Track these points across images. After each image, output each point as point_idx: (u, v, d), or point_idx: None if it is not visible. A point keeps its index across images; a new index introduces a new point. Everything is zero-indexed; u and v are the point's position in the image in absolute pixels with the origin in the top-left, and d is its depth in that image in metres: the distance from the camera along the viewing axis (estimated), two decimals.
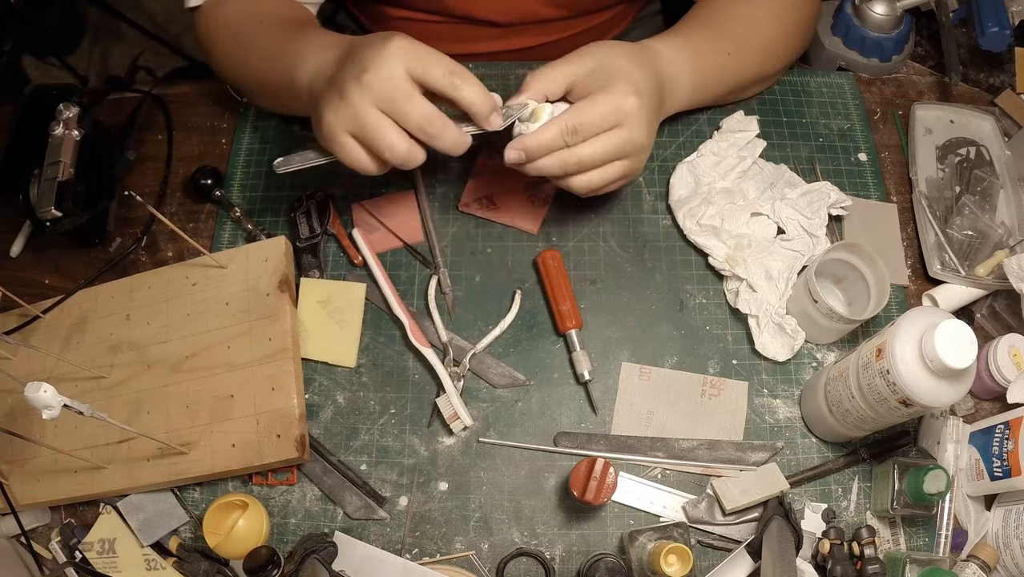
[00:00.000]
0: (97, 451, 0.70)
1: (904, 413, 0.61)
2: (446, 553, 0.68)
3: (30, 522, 0.69)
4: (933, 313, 0.59)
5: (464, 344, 0.75)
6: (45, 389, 0.52)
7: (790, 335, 0.73)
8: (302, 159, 0.66)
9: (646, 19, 1.04)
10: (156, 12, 1.98)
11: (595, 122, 0.63)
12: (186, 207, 0.83)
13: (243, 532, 0.65)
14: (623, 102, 0.63)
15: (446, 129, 0.60)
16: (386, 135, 0.59)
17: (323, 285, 0.76)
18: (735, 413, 0.73)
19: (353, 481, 0.70)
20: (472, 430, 0.72)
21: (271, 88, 0.74)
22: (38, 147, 0.75)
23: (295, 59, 0.67)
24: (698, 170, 0.80)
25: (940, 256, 0.78)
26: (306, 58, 0.67)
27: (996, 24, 0.84)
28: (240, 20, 0.78)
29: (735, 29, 0.78)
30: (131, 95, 0.88)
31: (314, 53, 0.66)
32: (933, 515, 0.68)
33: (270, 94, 0.77)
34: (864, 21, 0.88)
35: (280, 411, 0.68)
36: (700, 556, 0.68)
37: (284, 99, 0.74)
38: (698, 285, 0.78)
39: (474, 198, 0.81)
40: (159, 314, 0.74)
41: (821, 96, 0.88)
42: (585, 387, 0.73)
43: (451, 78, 0.59)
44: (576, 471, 0.64)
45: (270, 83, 0.73)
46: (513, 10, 0.89)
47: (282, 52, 0.70)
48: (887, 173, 0.84)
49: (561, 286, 0.75)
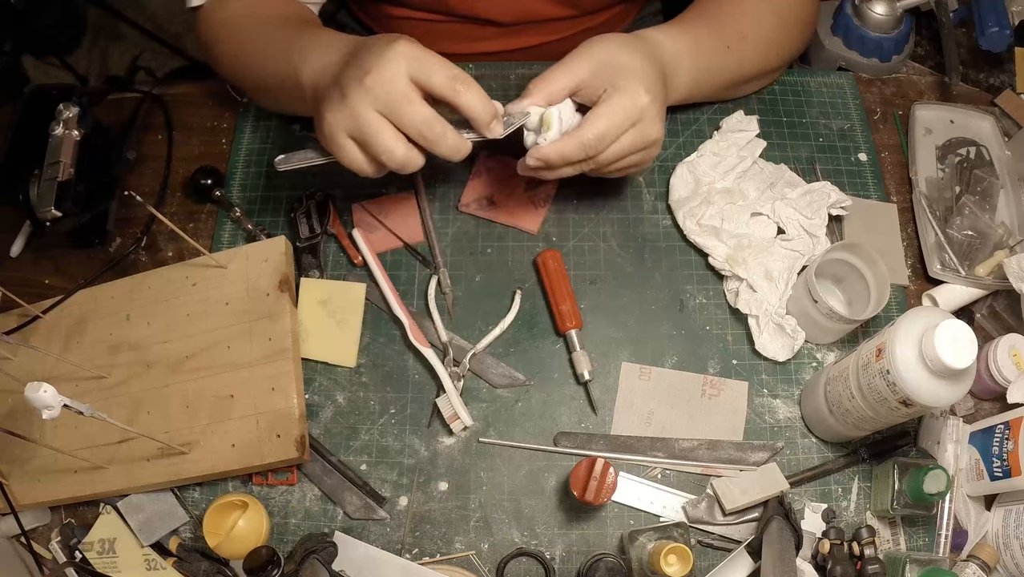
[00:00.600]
0: (97, 451, 0.70)
1: (904, 413, 0.61)
2: (446, 553, 0.68)
3: (30, 522, 0.69)
4: (933, 313, 0.59)
5: (464, 344, 0.75)
6: (45, 389, 0.52)
7: (790, 335, 0.73)
8: (303, 158, 0.66)
9: (647, 19, 1.04)
10: (156, 12, 1.98)
11: (614, 128, 0.63)
12: (186, 207, 0.83)
13: (243, 532, 0.65)
14: (636, 101, 0.63)
15: (445, 135, 0.60)
16: (384, 139, 0.59)
17: (323, 285, 0.76)
18: (735, 413, 0.73)
19: (353, 481, 0.70)
20: (472, 430, 0.72)
21: (274, 87, 0.74)
22: (38, 147, 0.75)
23: (299, 58, 0.67)
24: (698, 170, 0.80)
25: (940, 256, 0.78)
26: (310, 57, 0.66)
27: (996, 24, 0.84)
28: (242, 19, 0.78)
29: (736, 23, 0.77)
30: (131, 95, 0.88)
31: (318, 52, 0.66)
32: (933, 515, 0.68)
33: (272, 93, 0.77)
34: (864, 21, 0.88)
35: (280, 411, 0.68)
36: (700, 556, 0.68)
37: (287, 98, 0.74)
38: (698, 285, 0.78)
39: (474, 198, 0.81)
40: (159, 314, 0.74)
41: (821, 96, 0.88)
42: (585, 387, 0.73)
43: (453, 83, 0.59)
44: (576, 471, 0.64)
45: (273, 82, 0.73)
46: (516, 10, 0.89)
47: (286, 51, 0.70)
48: (887, 173, 0.84)
49: (561, 286, 0.75)
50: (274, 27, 0.75)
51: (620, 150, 0.65)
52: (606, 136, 0.63)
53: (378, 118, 0.58)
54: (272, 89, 0.75)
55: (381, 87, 0.57)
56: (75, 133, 0.75)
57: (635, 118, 0.64)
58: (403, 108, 0.58)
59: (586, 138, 0.63)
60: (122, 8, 1.73)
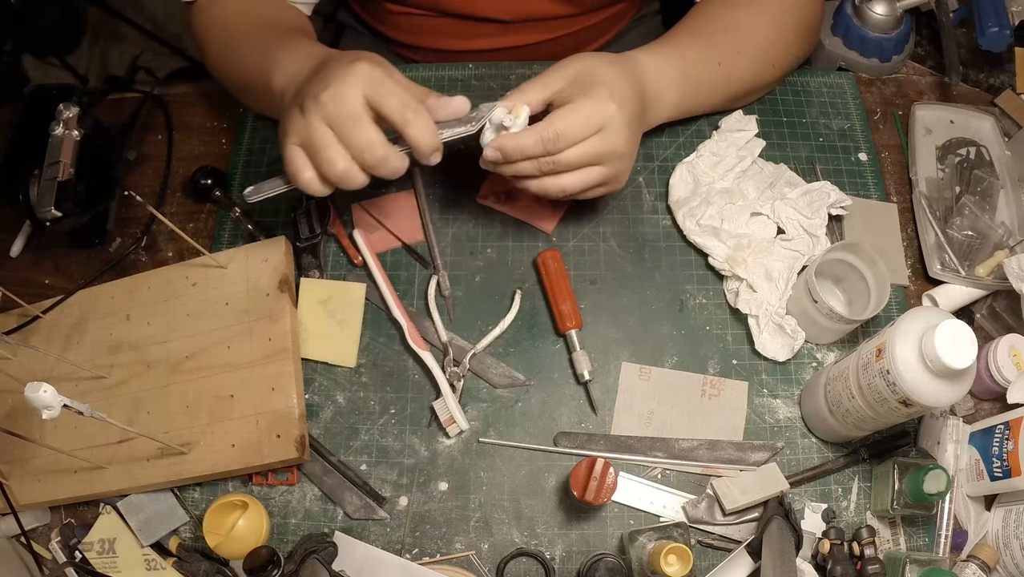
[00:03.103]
0: (97, 451, 0.70)
1: (904, 413, 0.61)
2: (446, 553, 0.68)
3: (30, 522, 0.69)
4: (933, 313, 0.59)
5: (464, 344, 0.75)
6: (45, 389, 0.52)
7: (790, 335, 0.73)
8: (272, 186, 0.67)
9: (646, 18, 1.04)
10: (156, 12, 1.98)
11: (575, 127, 0.63)
12: (186, 207, 0.83)
13: (243, 532, 0.65)
14: (603, 108, 0.64)
15: (386, 160, 0.61)
16: (327, 151, 0.60)
17: (323, 285, 0.76)
18: (735, 413, 0.73)
19: (353, 481, 0.70)
20: (472, 430, 0.72)
21: (252, 89, 0.76)
22: (38, 147, 0.75)
23: (273, 65, 0.69)
24: (697, 170, 0.80)
25: (940, 256, 0.78)
26: (284, 65, 0.68)
27: (996, 24, 0.84)
28: (232, 20, 0.79)
29: (727, 38, 0.77)
30: (131, 95, 0.88)
31: (291, 61, 0.68)
32: (933, 515, 0.68)
33: (252, 95, 0.79)
34: (864, 21, 0.88)
35: (280, 411, 0.68)
36: (700, 556, 0.68)
37: (264, 102, 0.75)
38: (698, 285, 0.78)
39: (492, 191, 0.81)
40: (159, 314, 0.74)
41: (821, 96, 0.87)
42: (585, 387, 0.73)
43: (403, 112, 0.60)
44: (576, 471, 0.64)
45: (252, 85, 0.74)
46: (515, 8, 0.89)
47: (264, 57, 0.71)
48: (887, 173, 0.84)
49: (561, 286, 0.75)
50: (261, 30, 0.77)
51: (581, 154, 0.64)
52: (565, 134, 0.63)
53: (326, 132, 0.60)
54: (252, 90, 0.77)
55: (334, 104, 0.59)
56: (75, 133, 0.75)
57: (599, 124, 0.64)
58: (349, 128, 0.60)
59: (545, 132, 0.63)
60: (122, 8, 1.73)
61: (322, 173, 0.62)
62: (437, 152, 0.63)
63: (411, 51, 0.98)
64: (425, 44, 0.96)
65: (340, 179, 0.62)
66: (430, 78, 0.88)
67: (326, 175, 0.62)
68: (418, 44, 0.97)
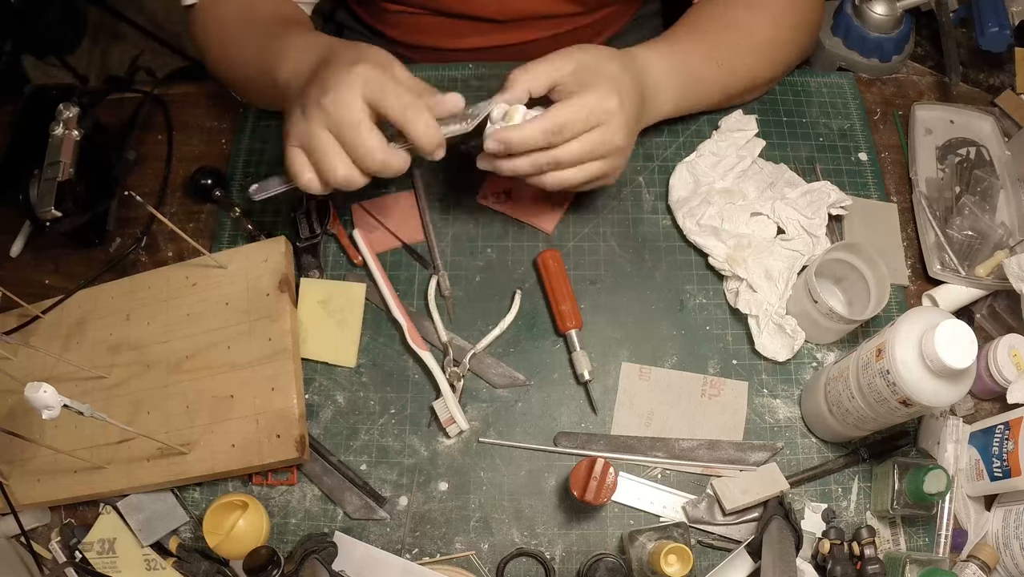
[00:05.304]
0: (97, 451, 0.70)
1: (904, 413, 0.61)
2: (446, 553, 0.68)
3: (30, 522, 0.69)
4: (933, 313, 0.59)
5: (464, 344, 0.75)
6: (45, 389, 0.52)
7: (790, 335, 0.73)
8: (277, 184, 0.68)
9: (645, 18, 1.04)
10: (156, 12, 1.98)
11: (578, 121, 0.64)
12: (186, 207, 0.83)
13: (243, 532, 0.65)
14: (604, 102, 0.64)
15: (386, 166, 0.62)
16: (328, 157, 0.61)
17: (323, 285, 0.76)
18: (735, 413, 0.73)
19: (353, 481, 0.70)
20: (472, 430, 0.72)
21: (257, 85, 0.76)
22: (38, 147, 0.75)
23: (276, 59, 0.70)
24: (697, 170, 0.80)
25: (940, 256, 0.78)
26: (287, 58, 0.69)
27: (996, 24, 0.84)
28: (233, 19, 0.79)
29: (726, 35, 0.77)
30: (131, 95, 0.88)
31: (294, 54, 0.68)
32: (933, 515, 0.68)
33: (256, 90, 0.79)
34: (864, 21, 0.88)
35: (280, 411, 0.68)
36: (700, 556, 0.68)
37: (269, 96, 0.75)
38: (698, 285, 0.78)
39: (492, 191, 0.81)
40: (159, 314, 0.74)
41: (821, 96, 0.87)
42: (585, 387, 0.73)
43: (404, 112, 0.61)
44: (576, 471, 0.64)
45: (256, 79, 0.75)
46: (511, 8, 0.89)
47: (266, 50, 0.72)
48: (887, 173, 0.84)
49: (561, 286, 0.75)
50: (260, 26, 0.77)
51: (580, 149, 0.65)
52: (567, 127, 0.63)
53: (327, 137, 0.61)
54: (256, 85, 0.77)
55: (335, 110, 0.60)
56: (75, 133, 0.75)
57: (599, 119, 0.64)
58: (351, 134, 0.60)
59: (548, 124, 0.63)
60: (122, 8, 1.73)
61: (323, 177, 0.63)
62: (440, 148, 0.64)
63: (409, 50, 0.98)
64: (423, 43, 0.96)
65: (342, 183, 0.62)
66: (429, 78, 0.87)
67: (327, 179, 0.63)
68: (416, 43, 0.97)
